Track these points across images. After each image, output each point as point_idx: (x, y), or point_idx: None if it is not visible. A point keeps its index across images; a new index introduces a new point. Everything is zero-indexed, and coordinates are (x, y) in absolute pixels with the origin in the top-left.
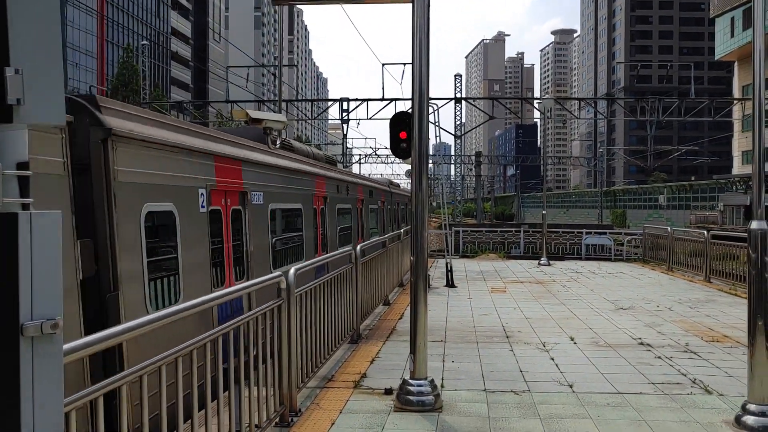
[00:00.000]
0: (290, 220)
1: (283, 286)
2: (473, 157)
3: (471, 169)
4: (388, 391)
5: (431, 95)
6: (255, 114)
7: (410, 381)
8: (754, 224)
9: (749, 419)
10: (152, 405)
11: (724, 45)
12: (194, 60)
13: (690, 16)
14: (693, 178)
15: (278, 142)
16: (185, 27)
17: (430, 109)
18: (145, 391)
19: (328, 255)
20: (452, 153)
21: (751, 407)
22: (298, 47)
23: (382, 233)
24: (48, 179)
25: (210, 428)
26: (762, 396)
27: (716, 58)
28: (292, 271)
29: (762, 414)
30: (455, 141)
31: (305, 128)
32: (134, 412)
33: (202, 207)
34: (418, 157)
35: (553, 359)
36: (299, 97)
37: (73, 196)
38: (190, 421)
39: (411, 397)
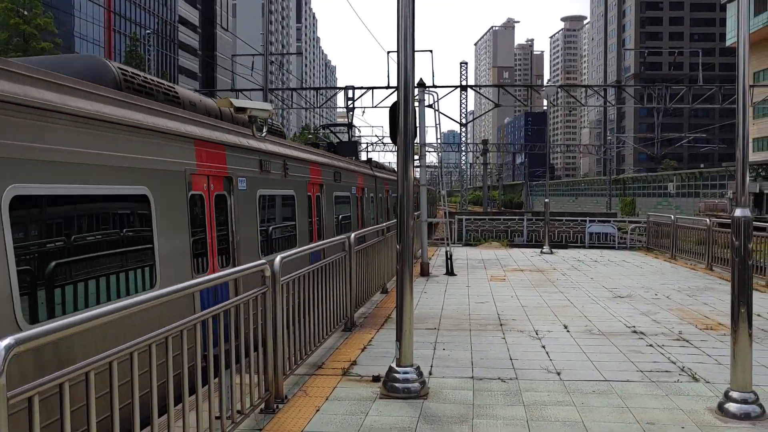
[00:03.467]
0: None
1: (268, 273)
2: (480, 145)
3: (478, 157)
4: (376, 379)
5: (438, 83)
6: (239, 103)
7: (396, 368)
8: (738, 212)
9: (732, 406)
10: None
11: (735, 31)
12: (202, 48)
13: (702, 1)
14: (703, 166)
15: (264, 131)
16: (193, 15)
17: (432, 98)
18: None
19: (319, 243)
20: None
21: (734, 394)
22: (305, 35)
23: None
24: None
25: (187, 414)
26: (744, 383)
27: (727, 44)
28: (277, 259)
29: (744, 401)
30: (460, 129)
31: (313, 117)
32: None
33: None
34: (404, 145)
35: (544, 347)
36: (305, 85)
37: None
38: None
39: (397, 384)
